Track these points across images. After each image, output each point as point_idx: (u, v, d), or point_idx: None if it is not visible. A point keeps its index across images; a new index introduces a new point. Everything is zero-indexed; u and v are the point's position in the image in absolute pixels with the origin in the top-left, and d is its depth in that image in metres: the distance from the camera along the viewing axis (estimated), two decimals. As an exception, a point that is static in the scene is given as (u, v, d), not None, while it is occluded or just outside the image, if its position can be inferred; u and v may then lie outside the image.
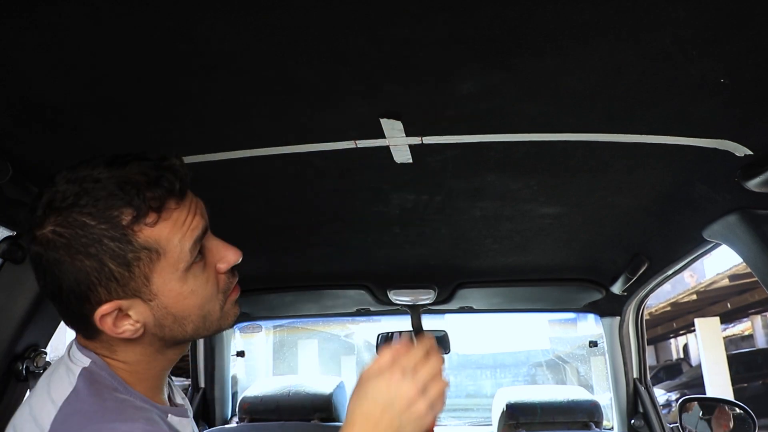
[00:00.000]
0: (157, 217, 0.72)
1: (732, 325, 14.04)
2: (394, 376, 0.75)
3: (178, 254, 0.75)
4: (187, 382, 2.42)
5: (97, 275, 0.71)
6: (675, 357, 16.68)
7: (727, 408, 2.12)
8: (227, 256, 0.82)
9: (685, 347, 15.95)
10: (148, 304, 0.75)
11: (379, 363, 0.77)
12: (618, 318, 2.17)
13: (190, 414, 0.92)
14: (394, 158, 0.97)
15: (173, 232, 0.74)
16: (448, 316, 2.56)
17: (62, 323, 1.22)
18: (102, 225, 0.70)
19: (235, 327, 2.52)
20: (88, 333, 0.77)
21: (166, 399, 0.87)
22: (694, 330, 11.65)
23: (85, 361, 0.76)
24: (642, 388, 2.20)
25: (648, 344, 2.31)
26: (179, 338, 0.80)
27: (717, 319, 11.03)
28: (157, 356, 0.81)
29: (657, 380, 12.38)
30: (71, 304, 0.74)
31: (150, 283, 0.74)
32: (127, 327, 0.75)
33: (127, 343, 0.78)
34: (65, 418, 0.69)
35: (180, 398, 0.94)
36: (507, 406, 2.37)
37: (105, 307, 0.72)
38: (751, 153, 0.88)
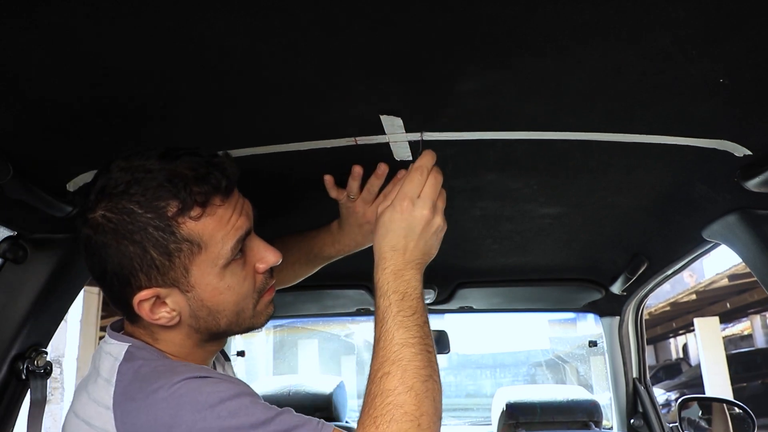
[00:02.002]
0: (201, 211, 0.76)
1: (731, 324, 14.05)
2: (405, 206, 0.85)
3: (219, 250, 0.78)
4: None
5: (139, 261, 0.74)
6: (674, 357, 16.69)
7: (726, 407, 2.13)
8: (267, 256, 0.85)
9: (685, 347, 15.96)
10: (185, 294, 0.78)
11: (388, 198, 0.88)
12: (617, 318, 2.18)
13: None
14: (394, 155, 0.97)
15: (217, 228, 0.77)
16: (447, 315, 2.56)
17: (63, 323, 1.22)
18: (148, 214, 0.73)
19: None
20: (130, 317, 0.81)
21: None
22: (693, 330, 11.65)
23: (125, 345, 0.79)
24: (641, 388, 2.20)
25: (647, 344, 2.31)
26: (213, 331, 0.83)
27: (716, 318, 11.04)
28: (197, 348, 0.84)
29: (656, 380, 12.39)
30: (114, 287, 0.77)
31: (189, 274, 0.77)
32: (163, 314, 0.78)
33: (167, 331, 0.81)
34: (125, 389, 0.72)
35: (221, 369, 0.97)
36: (507, 405, 2.37)
37: (144, 293, 0.76)
38: (750, 153, 0.88)
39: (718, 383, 9.88)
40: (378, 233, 0.87)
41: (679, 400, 2.15)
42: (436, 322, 2.56)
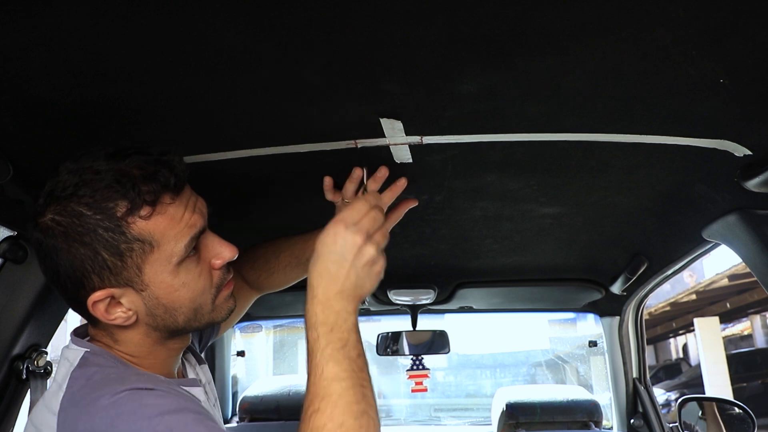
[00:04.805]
0: (151, 210, 0.75)
1: (731, 324, 14.04)
2: (338, 229, 0.82)
3: (172, 248, 0.77)
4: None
5: (90, 263, 0.74)
6: (674, 357, 16.68)
7: (726, 407, 2.13)
8: (222, 252, 0.84)
9: (685, 347, 15.95)
10: (139, 293, 0.78)
11: (349, 222, 0.83)
12: (617, 318, 2.18)
13: (204, 383, 0.95)
14: (394, 158, 0.97)
15: (169, 226, 0.77)
16: (447, 315, 2.56)
17: (63, 323, 1.22)
18: (97, 216, 0.73)
19: (235, 327, 2.52)
20: (90, 319, 0.81)
21: (175, 375, 0.90)
22: (693, 330, 11.65)
23: (81, 350, 0.79)
24: (641, 388, 2.20)
25: (647, 344, 2.31)
26: (171, 328, 0.82)
27: (716, 318, 11.04)
28: (158, 347, 0.84)
29: (656, 380, 12.39)
30: (68, 289, 0.77)
31: (142, 273, 0.77)
32: (119, 314, 0.78)
33: (126, 331, 0.80)
34: (73, 395, 0.72)
35: (193, 373, 0.97)
36: (507, 405, 2.37)
37: (97, 294, 0.76)
38: (750, 153, 0.88)
39: (718, 383, 9.88)
40: (311, 259, 0.83)
41: (679, 400, 2.15)
42: (436, 322, 2.56)
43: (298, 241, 1.18)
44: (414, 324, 2.23)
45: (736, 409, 2.06)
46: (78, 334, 0.84)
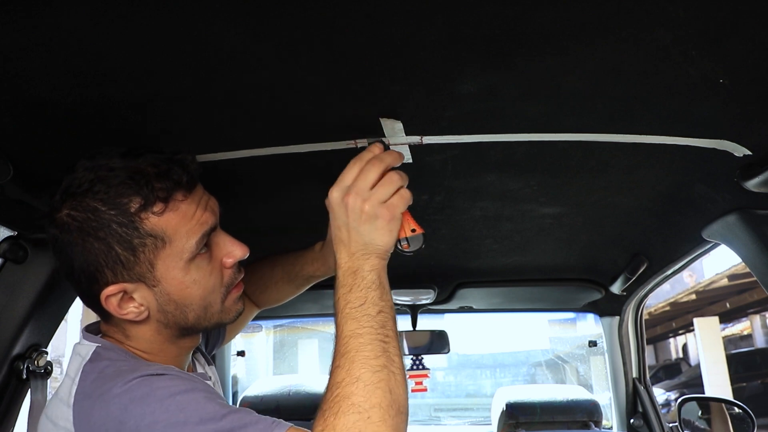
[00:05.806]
0: (164, 207, 0.77)
1: (731, 324, 14.05)
2: (333, 196, 0.83)
3: (183, 245, 0.79)
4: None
5: (104, 257, 0.76)
6: (674, 356, 16.69)
7: (726, 407, 2.13)
8: (234, 251, 0.86)
9: (684, 347, 15.95)
10: (151, 289, 0.79)
11: (340, 185, 0.83)
12: (617, 318, 2.18)
13: (213, 381, 0.96)
14: (394, 158, 0.97)
15: (181, 223, 0.79)
16: (447, 315, 2.56)
17: (63, 323, 1.22)
18: (111, 211, 0.75)
19: (235, 327, 2.52)
20: (102, 314, 0.83)
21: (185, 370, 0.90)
22: (693, 330, 11.66)
23: (93, 345, 0.80)
24: (641, 388, 2.20)
25: (647, 344, 2.31)
26: (182, 325, 0.84)
27: (716, 318, 11.05)
28: (169, 344, 0.85)
29: (656, 380, 12.39)
30: (82, 284, 0.79)
31: (154, 269, 0.78)
32: (131, 309, 0.79)
33: (137, 327, 0.82)
34: (85, 387, 0.74)
35: (201, 370, 0.99)
36: (507, 405, 2.37)
37: (110, 289, 0.77)
38: (750, 153, 0.89)
39: (717, 383, 9.88)
40: (330, 222, 0.86)
41: (679, 400, 2.15)
42: (436, 322, 2.56)
43: (290, 257, 1.19)
44: (414, 324, 2.23)
45: (736, 409, 2.06)
46: (90, 330, 0.85)
